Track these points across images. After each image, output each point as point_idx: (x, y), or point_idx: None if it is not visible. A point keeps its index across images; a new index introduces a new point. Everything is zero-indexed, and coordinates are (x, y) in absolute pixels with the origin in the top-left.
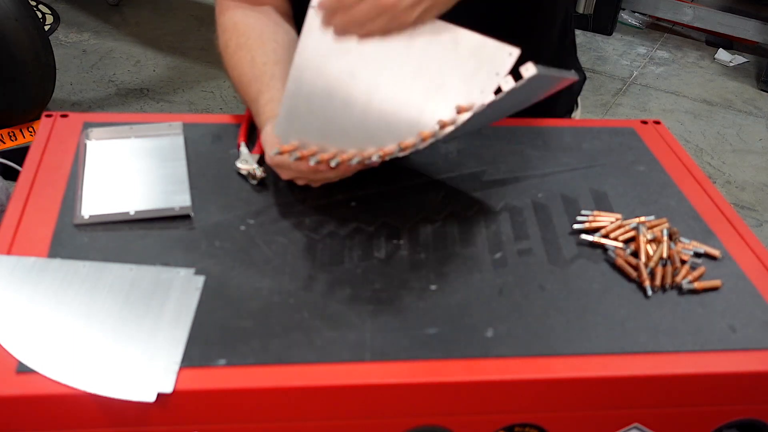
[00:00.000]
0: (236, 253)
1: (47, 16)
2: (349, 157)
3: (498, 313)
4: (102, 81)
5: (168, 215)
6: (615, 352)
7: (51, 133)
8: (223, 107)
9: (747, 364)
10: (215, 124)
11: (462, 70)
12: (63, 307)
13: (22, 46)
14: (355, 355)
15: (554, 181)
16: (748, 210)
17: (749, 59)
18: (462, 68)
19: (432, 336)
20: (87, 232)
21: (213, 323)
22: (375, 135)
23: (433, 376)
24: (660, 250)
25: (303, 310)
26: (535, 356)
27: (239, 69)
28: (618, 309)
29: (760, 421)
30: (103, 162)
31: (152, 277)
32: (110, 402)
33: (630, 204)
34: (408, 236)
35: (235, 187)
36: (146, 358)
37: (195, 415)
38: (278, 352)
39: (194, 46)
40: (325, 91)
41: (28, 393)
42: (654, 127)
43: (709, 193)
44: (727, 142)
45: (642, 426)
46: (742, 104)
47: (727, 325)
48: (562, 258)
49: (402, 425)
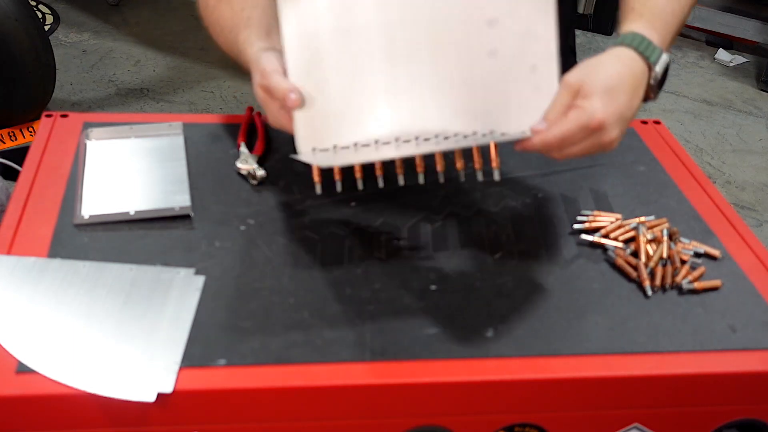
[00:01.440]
0: (236, 253)
1: (47, 16)
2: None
3: (498, 313)
4: (102, 81)
5: (168, 215)
6: (615, 352)
7: (51, 133)
8: (223, 107)
9: (747, 364)
10: (215, 124)
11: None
12: (63, 307)
13: (22, 46)
14: (355, 355)
15: (554, 181)
16: (748, 210)
17: (749, 59)
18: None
19: (432, 336)
20: (87, 232)
21: (213, 323)
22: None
23: (433, 376)
24: (660, 250)
25: (303, 310)
26: (535, 356)
27: (221, 22)
28: (618, 309)
29: (760, 421)
30: (103, 162)
31: (152, 277)
32: (110, 402)
33: (630, 204)
34: (408, 236)
35: (235, 187)
36: (146, 358)
37: (195, 415)
38: (278, 352)
39: (194, 46)
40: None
41: (28, 393)
42: (654, 127)
43: (709, 193)
44: (727, 142)
45: (642, 426)
46: (742, 104)
47: (727, 325)
48: (562, 258)
49: (402, 425)
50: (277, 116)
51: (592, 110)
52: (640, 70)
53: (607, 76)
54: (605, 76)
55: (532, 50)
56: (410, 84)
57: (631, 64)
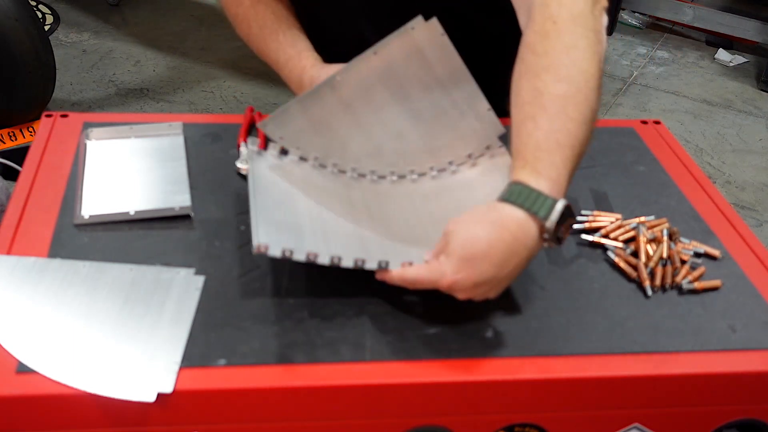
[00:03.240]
0: (236, 253)
1: (47, 16)
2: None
3: (498, 313)
4: (102, 81)
5: (168, 215)
6: (615, 352)
7: (51, 133)
8: (223, 107)
9: (747, 364)
10: (215, 124)
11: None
12: (63, 307)
13: (22, 46)
14: (355, 355)
15: None
16: (748, 210)
17: (749, 59)
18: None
19: (432, 336)
20: (87, 232)
21: (213, 323)
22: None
23: (433, 376)
24: (660, 250)
25: (303, 310)
26: (535, 356)
27: (260, 20)
28: (618, 309)
29: (760, 421)
30: (103, 162)
31: (152, 277)
32: (110, 402)
33: (630, 204)
34: None
35: (235, 187)
36: (146, 358)
37: (195, 415)
38: (278, 352)
39: (194, 46)
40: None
41: (28, 393)
42: (654, 127)
43: (709, 193)
44: (727, 142)
45: (642, 426)
46: (742, 104)
47: (727, 325)
48: (562, 258)
49: (402, 425)
50: None
51: (442, 271)
52: (523, 232)
53: (469, 244)
54: (467, 243)
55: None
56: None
57: (511, 226)
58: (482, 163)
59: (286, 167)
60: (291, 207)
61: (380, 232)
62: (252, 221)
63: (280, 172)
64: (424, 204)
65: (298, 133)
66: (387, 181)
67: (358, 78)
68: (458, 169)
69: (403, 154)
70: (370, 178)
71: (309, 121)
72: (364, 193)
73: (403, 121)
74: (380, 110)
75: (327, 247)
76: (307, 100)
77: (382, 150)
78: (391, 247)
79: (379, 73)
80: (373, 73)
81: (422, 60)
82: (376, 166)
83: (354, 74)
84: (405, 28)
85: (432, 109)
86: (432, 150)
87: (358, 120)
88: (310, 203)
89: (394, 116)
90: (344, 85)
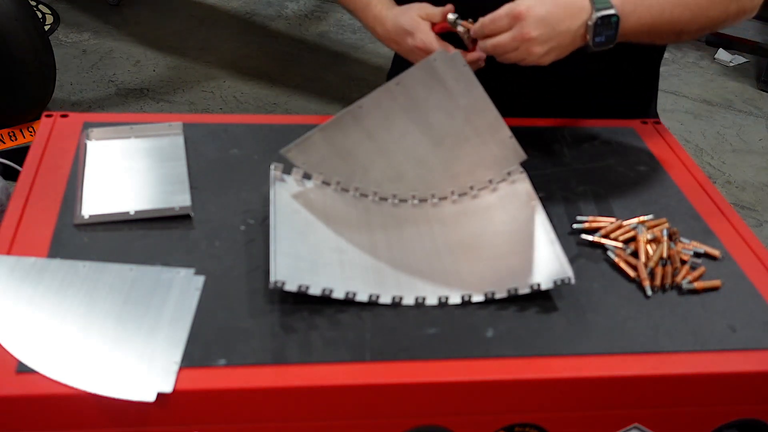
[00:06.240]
0: (236, 253)
1: (47, 16)
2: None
3: (498, 313)
4: (102, 81)
5: (168, 215)
6: (615, 352)
7: (51, 133)
8: (223, 107)
9: (747, 364)
10: (215, 124)
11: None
12: (63, 307)
13: (22, 46)
14: (355, 355)
15: (554, 181)
16: (748, 210)
17: (749, 59)
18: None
19: (432, 336)
20: (87, 232)
21: (213, 323)
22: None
23: (433, 376)
24: (660, 250)
25: (303, 310)
26: (535, 356)
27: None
28: (618, 309)
29: (760, 421)
30: (103, 162)
31: (152, 277)
32: (110, 402)
33: (630, 204)
34: None
35: (235, 187)
36: (146, 357)
37: (195, 415)
38: (278, 352)
39: (194, 46)
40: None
41: (28, 393)
42: (654, 127)
43: (709, 193)
44: (727, 142)
45: (642, 426)
46: (742, 104)
47: (727, 325)
48: None
49: (402, 425)
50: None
51: (518, 2)
52: (581, 3)
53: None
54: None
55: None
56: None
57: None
58: (502, 188)
59: (308, 195)
60: (310, 238)
61: (396, 263)
62: (270, 253)
63: (302, 201)
64: (442, 231)
65: (320, 159)
66: (408, 204)
67: (380, 108)
68: (479, 193)
69: (425, 179)
70: (392, 201)
71: (332, 148)
72: (384, 219)
73: (425, 148)
74: (402, 138)
75: (343, 281)
76: (330, 128)
77: (403, 175)
78: (405, 282)
79: (401, 102)
80: (396, 103)
81: (444, 90)
82: (398, 190)
83: (376, 104)
84: (428, 60)
85: (454, 136)
86: (453, 175)
87: (380, 147)
88: (329, 234)
89: (416, 143)
90: (367, 115)
